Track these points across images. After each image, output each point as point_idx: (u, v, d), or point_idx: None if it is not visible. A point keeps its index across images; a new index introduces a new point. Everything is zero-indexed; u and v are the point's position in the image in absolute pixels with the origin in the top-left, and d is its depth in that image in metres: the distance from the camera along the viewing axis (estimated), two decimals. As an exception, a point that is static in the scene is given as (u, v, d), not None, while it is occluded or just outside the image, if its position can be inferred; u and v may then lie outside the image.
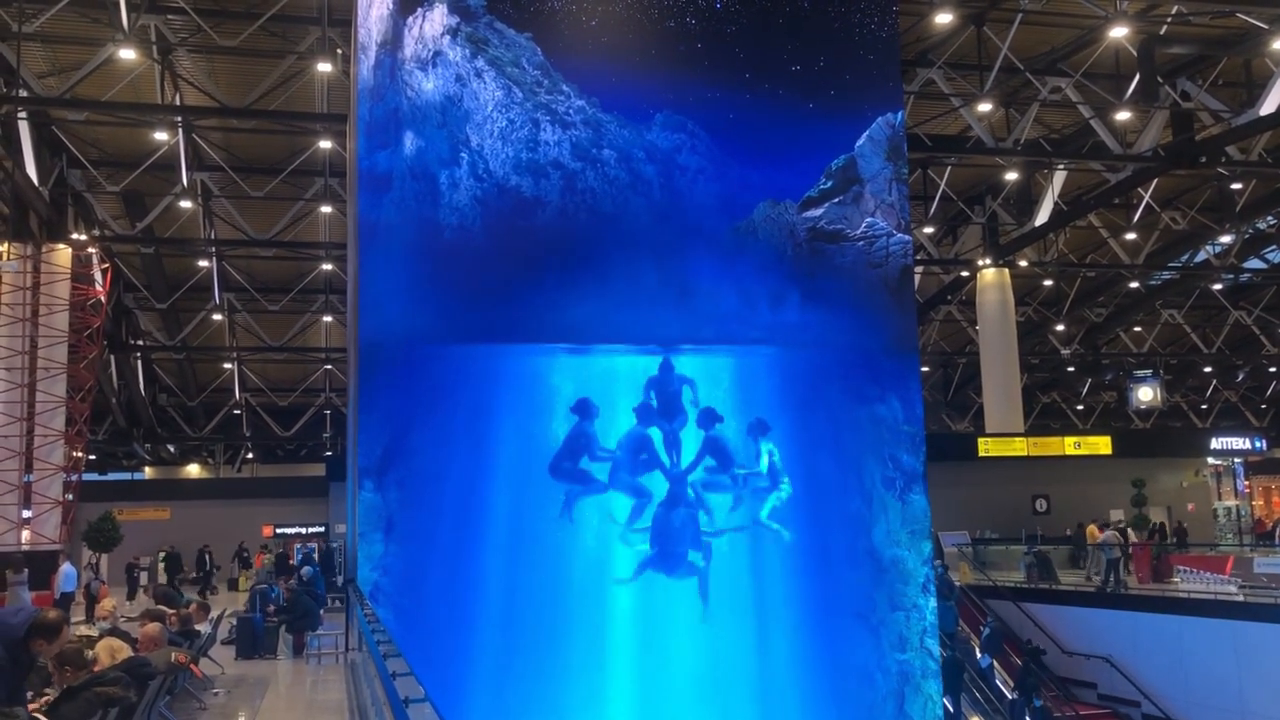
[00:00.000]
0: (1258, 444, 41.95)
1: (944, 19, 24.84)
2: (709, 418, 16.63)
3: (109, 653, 7.58)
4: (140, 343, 43.67)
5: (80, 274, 31.97)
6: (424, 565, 15.08)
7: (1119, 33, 25.31)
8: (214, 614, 15.56)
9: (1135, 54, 26.75)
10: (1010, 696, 22.41)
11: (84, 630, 12.37)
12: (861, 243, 17.91)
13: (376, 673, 5.84)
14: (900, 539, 17.10)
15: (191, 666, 8.45)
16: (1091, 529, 30.79)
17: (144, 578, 35.55)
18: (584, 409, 16.21)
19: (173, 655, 8.25)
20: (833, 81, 18.12)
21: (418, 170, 16.12)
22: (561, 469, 15.90)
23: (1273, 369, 54.02)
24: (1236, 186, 37.30)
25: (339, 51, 24.00)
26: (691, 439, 16.68)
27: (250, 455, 56.08)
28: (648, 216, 16.91)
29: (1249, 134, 30.02)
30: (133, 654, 7.83)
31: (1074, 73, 29.16)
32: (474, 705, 14.64)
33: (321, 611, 19.07)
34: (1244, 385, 56.78)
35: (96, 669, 7.20)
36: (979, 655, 23.20)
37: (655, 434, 16.56)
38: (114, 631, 10.20)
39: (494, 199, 16.33)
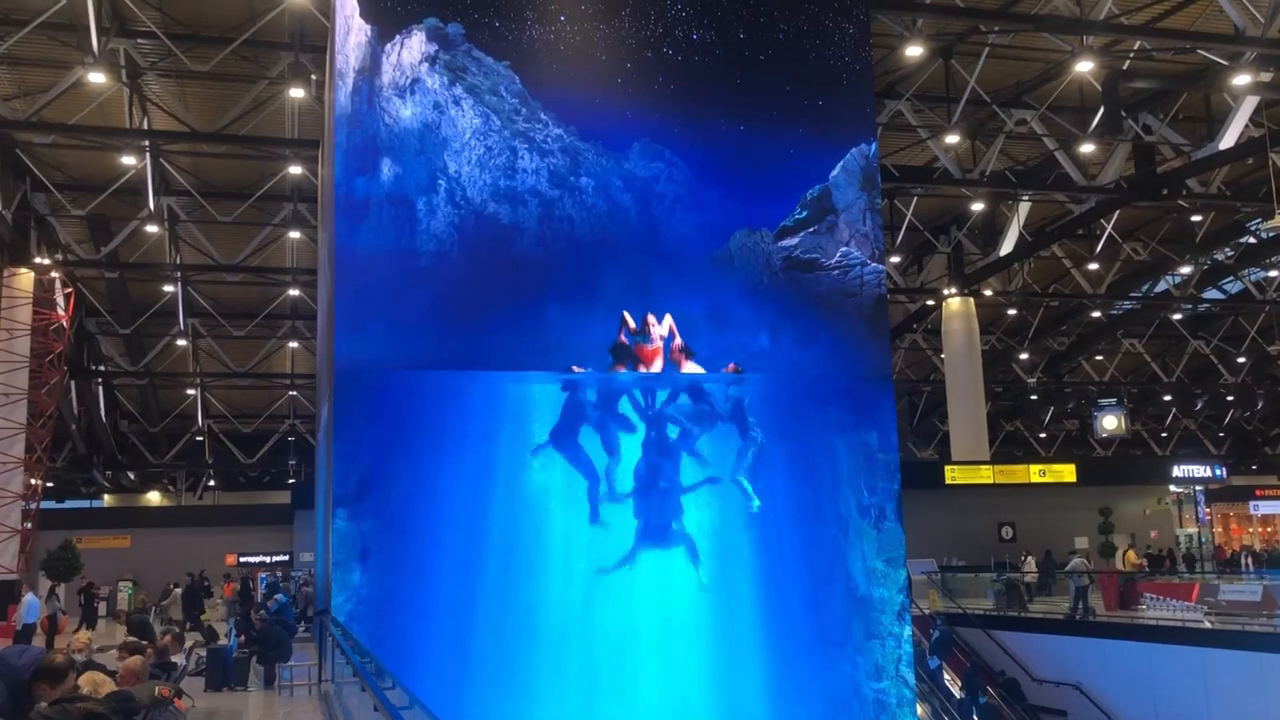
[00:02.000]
0: (1218, 472, 42.52)
1: (914, 52, 25.16)
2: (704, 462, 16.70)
3: (92, 686, 7.38)
4: (102, 368, 43.08)
5: (42, 298, 31.58)
6: (401, 594, 14.94)
7: (1084, 67, 25.74)
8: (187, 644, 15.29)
9: (1099, 88, 27.18)
10: (958, 695, 23.21)
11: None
12: (836, 272, 18.04)
13: (379, 705, 5.74)
14: (876, 567, 17.15)
15: (175, 700, 8.27)
16: (1130, 554, 31.63)
17: (103, 607, 34.90)
18: (571, 384, 16.19)
19: (156, 689, 8.05)
20: (808, 113, 18.31)
21: (395, 197, 16.09)
22: (562, 441, 15.87)
23: (1230, 398, 54.77)
24: (1196, 218, 38.01)
25: (313, 77, 23.93)
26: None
27: (212, 483, 55.31)
28: (625, 244, 16.96)
29: (1208, 167, 30.65)
30: (115, 688, 7.65)
31: (1039, 106, 29.64)
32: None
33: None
34: (1203, 414, 57.50)
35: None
36: (929, 657, 23.59)
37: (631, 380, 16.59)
38: (90, 665, 9.97)
39: (471, 226, 16.33)
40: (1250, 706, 19.29)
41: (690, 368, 16.89)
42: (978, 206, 35.09)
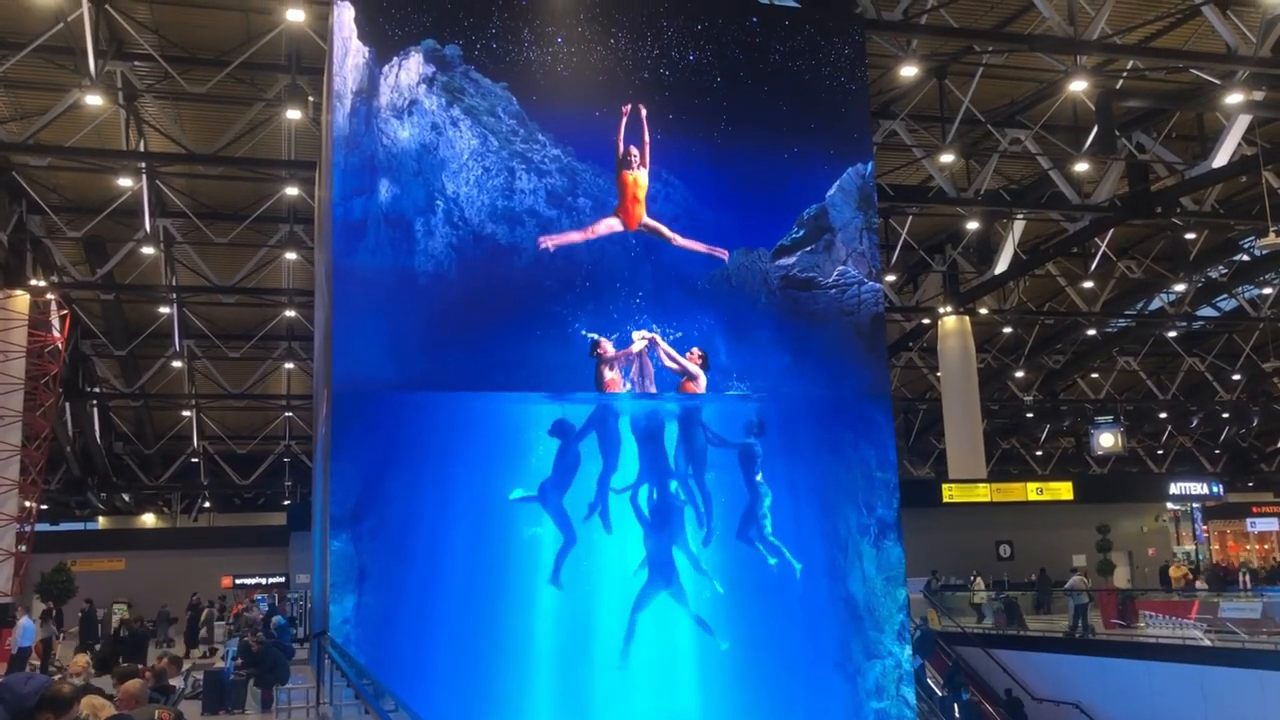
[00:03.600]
0: (1215, 489, 42.53)
1: (908, 72, 25.27)
2: (705, 480, 16.67)
3: (91, 711, 7.34)
4: (97, 390, 42.96)
5: (38, 320, 31.52)
6: (399, 616, 14.86)
7: (1078, 86, 25.86)
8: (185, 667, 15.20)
9: (1093, 107, 27.36)
10: (940, 694, 23.55)
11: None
12: (834, 290, 18.08)
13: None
14: (875, 586, 17.12)
15: (176, 724, 8.24)
16: (1174, 570, 31.78)
17: (98, 630, 34.72)
18: (562, 430, 16.12)
19: (156, 713, 8.02)
20: (804, 132, 18.39)
21: (393, 217, 16.10)
22: (549, 500, 15.79)
23: (1225, 415, 54.92)
24: (1190, 236, 38.16)
25: (309, 99, 23.98)
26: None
27: (207, 504, 55.12)
28: (622, 264, 16.96)
29: (1201, 185, 30.79)
30: (114, 712, 7.61)
31: (1033, 125, 29.79)
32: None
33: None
34: (1198, 431, 57.67)
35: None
36: (911, 657, 23.79)
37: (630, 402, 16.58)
38: (87, 689, 9.91)
39: (469, 246, 16.33)
40: (1250, 724, 19.25)
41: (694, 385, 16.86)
42: (973, 225, 35.19)
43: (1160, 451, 59.37)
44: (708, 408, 16.90)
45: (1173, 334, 48.32)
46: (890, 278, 37.22)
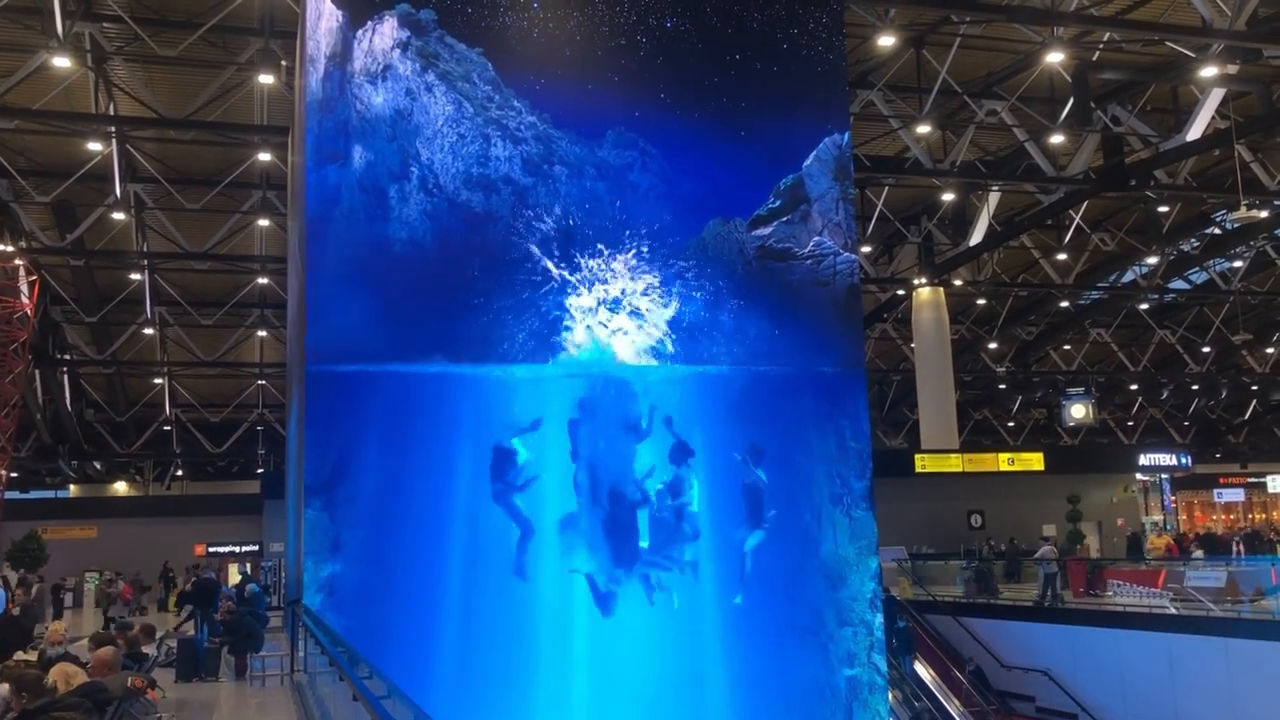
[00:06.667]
0: (1183, 460, 43.05)
1: (886, 42, 25.21)
2: (681, 451, 16.66)
3: (64, 679, 7.35)
4: (67, 357, 42.55)
5: (6, 286, 31.14)
6: (372, 585, 14.87)
7: (1054, 58, 25.88)
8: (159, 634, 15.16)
9: (1069, 79, 27.41)
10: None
11: (23, 656, 11.92)
12: (809, 261, 18.08)
13: (358, 694, 5.71)
14: (848, 555, 17.24)
15: (149, 691, 8.24)
16: (1154, 540, 32.17)
17: (69, 599, 34.58)
18: (523, 433, 16.09)
19: (128, 680, 8.04)
20: (781, 102, 18.30)
21: (367, 184, 15.97)
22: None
23: (1195, 387, 55.52)
24: (1163, 209, 38.37)
25: (282, 64, 23.67)
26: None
27: (180, 472, 54.86)
28: (599, 233, 16.89)
29: (1176, 159, 30.95)
30: (88, 679, 7.61)
31: (1010, 96, 29.79)
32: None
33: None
34: (1168, 403, 58.30)
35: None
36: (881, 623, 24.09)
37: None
38: (65, 657, 9.90)
39: (444, 213, 16.23)
40: (1214, 690, 19.59)
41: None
42: (948, 197, 35.25)
43: (1130, 423, 60.01)
44: (679, 377, 16.88)
45: (1144, 306, 48.69)
46: (866, 249, 37.28)
